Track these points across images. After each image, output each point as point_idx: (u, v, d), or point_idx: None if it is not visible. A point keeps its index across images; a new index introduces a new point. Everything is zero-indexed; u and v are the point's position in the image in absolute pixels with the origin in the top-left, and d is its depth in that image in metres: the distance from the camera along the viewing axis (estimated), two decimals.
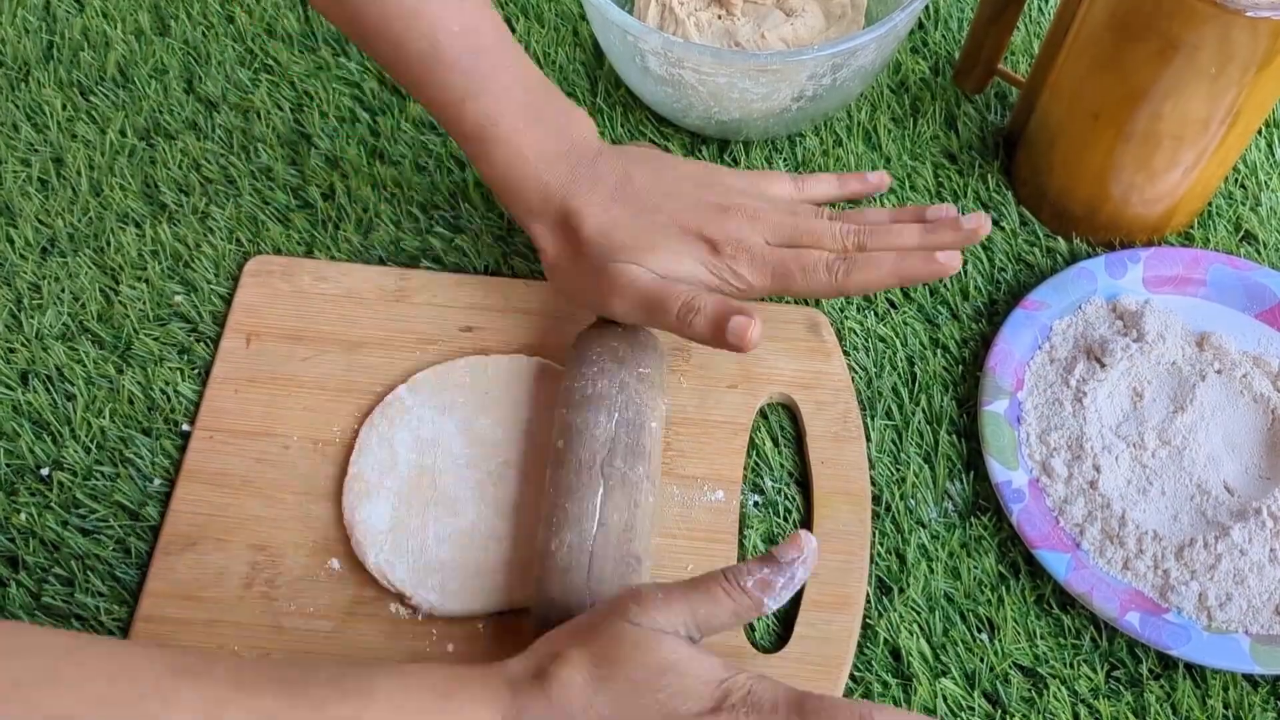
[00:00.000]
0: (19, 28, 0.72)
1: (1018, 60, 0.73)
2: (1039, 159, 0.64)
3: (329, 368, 0.59)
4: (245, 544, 0.54)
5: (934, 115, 0.70)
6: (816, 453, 0.57)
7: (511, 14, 0.73)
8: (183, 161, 0.67)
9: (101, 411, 0.58)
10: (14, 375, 0.60)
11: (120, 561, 0.54)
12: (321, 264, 0.63)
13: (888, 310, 0.63)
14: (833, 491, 0.56)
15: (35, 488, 0.56)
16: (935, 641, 0.53)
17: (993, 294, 0.63)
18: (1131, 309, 0.60)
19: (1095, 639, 0.54)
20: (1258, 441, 0.57)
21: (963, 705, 0.52)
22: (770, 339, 0.60)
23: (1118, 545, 0.54)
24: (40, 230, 0.64)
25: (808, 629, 0.52)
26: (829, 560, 0.54)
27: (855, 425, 0.58)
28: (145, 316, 0.61)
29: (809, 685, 0.50)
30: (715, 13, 0.70)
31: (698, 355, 0.59)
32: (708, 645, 0.50)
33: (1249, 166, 0.68)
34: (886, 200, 0.66)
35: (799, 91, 0.62)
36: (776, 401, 0.59)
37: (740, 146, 0.68)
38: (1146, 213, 0.63)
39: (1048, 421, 0.58)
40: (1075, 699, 0.52)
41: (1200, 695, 0.52)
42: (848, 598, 0.53)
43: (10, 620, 0.52)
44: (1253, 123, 0.58)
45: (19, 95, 0.70)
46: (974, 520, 0.56)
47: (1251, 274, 0.62)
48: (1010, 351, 0.59)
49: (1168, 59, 0.54)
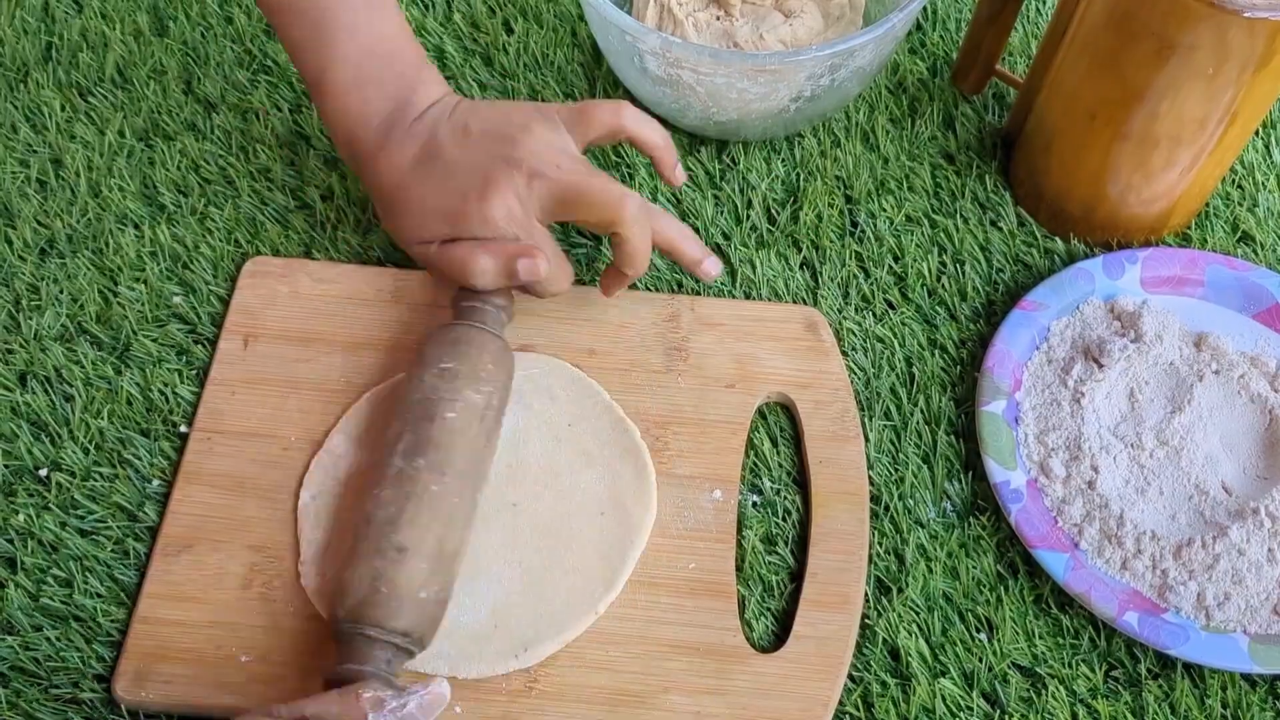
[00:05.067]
0: (17, 29, 0.72)
1: (1015, 61, 0.73)
2: (1036, 159, 0.64)
3: (327, 369, 0.59)
4: (243, 545, 0.54)
5: (932, 116, 0.70)
6: (815, 452, 0.57)
7: (510, 15, 0.73)
8: (181, 162, 0.67)
9: (100, 413, 0.58)
10: (12, 376, 0.59)
11: (119, 562, 0.54)
12: (319, 265, 0.63)
13: (886, 311, 0.63)
14: (831, 491, 0.56)
15: (34, 489, 0.56)
16: (934, 641, 0.53)
17: (990, 295, 0.63)
18: (1129, 309, 0.60)
19: (1094, 639, 0.54)
20: (1255, 442, 0.57)
21: (961, 705, 0.52)
22: (768, 338, 0.60)
23: (1116, 545, 0.54)
24: (39, 231, 0.64)
25: (806, 628, 0.52)
26: (827, 560, 0.54)
27: (853, 425, 0.58)
28: (144, 318, 0.61)
29: (808, 685, 0.51)
30: (714, 13, 0.70)
31: (695, 355, 0.59)
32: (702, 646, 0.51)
33: (1246, 167, 0.68)
34: (886, 200, 0.66)
35: (797, 92, 0.62)
36: (774, 401, 0.59)
37: (739, 147, 0.68)
38: (1144, 213, 0.63)
39: (1046, 422, 0.58)
40: (1074, 699, 0.52)
41: (1198, 695, 0.52)
42: (846, 597, 0.53)
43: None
44: (1250, 123, 0.58)
45: (18, 96, 0.70)
46: (972, 520, 0.56)
47: (1249, 274, 0.62)
48: (1008, 352, 0.60)
49: (1165, 59, 0.54)
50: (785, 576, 0.55)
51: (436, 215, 0.55)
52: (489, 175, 0.54)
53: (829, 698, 0.51)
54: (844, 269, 0.64)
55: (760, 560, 0.55)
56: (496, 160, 0.54)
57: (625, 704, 0.51)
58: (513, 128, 0.55)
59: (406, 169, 0.56)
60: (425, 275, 0.62)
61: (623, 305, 0.61)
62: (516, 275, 0.55)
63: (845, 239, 0.65)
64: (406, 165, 0.56)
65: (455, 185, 0.55)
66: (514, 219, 0.55)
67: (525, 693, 0.51)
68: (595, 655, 0.52)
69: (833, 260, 0.64)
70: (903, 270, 0.64)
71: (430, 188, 0.55)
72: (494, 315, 0.56)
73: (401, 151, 0.56)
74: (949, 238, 0.65)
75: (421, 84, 0.58)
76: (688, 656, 0.52)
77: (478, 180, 0.54)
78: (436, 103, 0.57)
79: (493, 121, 0.56)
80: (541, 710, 0.50)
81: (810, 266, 0.64)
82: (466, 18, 0.73)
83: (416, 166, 0.56)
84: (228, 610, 0.53)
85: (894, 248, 0.65)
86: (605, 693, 0.51)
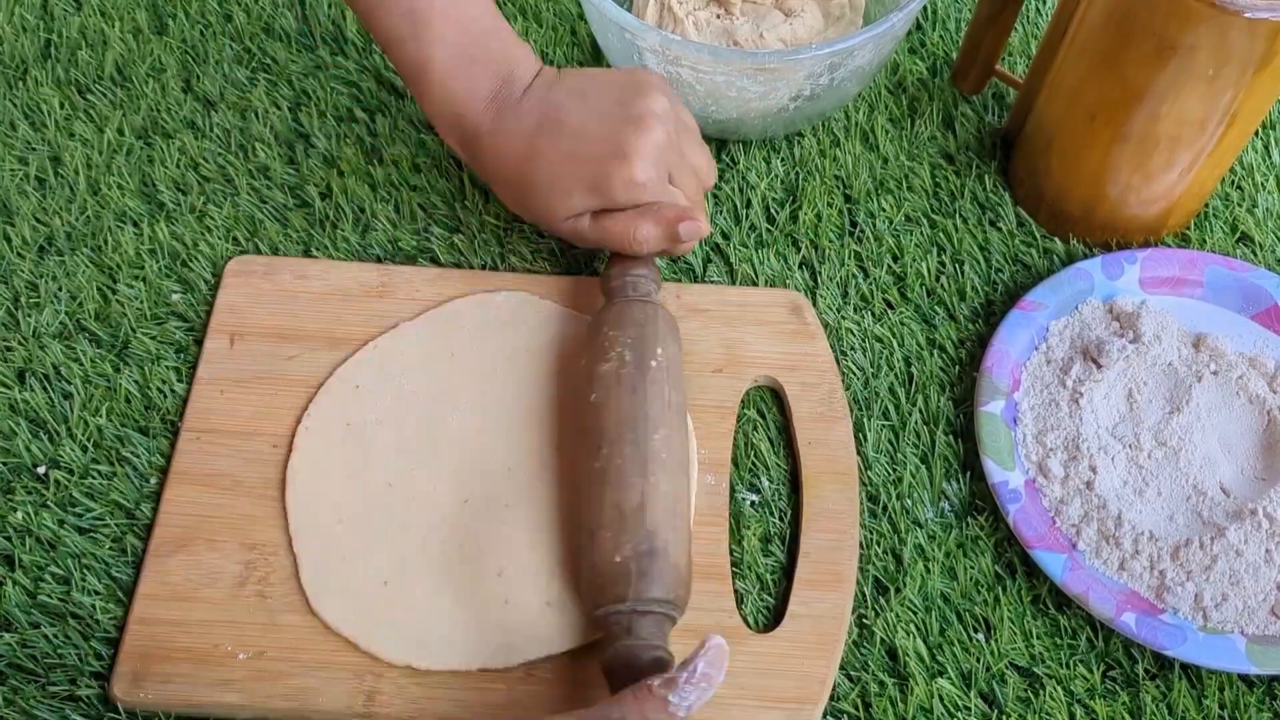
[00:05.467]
0: (16, 26, 0.72)
1: (1015, 61, 0.73)
2: (1036, 160, 0.64)
3: (314, 365, 0.59)
4: (238, 544, 0.54)
5: (931, 116, 0.70)
6: (803, 434, 0.57)
7: (510, 14, 0.73)
8: (180, 160, 0.67)
9: (98, 410, 0.58)
10: (11, 374, 0.59)
11: (117, 560, 0.54)
12: (303, 261, 0.63)
13: (884, 311, 0.63)
14: (821, 471, 0.56)
15: (32, 486, 0.56)
16: (932, 641, 0.53)
17: (989, 294, 0.63)
18: (1128, 310, 0.60)
19: (1091, 639, 0.54)
20: (1253, 443, 0.57)
21: (959, 705, 0.52)
22: (754, 323, 0.60)
23: (1114, 546, 0.54)
24: (37, 229, 0.64)
25: (801, 608, 0.53)
26: (820, 539, 0.54)
27: (840, 405, 0.58)
28: (143, 315, 0.61)
29: (804, 664, 0.51)
30: (714, 12, 0.70)
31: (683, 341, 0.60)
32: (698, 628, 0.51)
33: (1245, 168, 0.68)
34: (885, 200, 0.66)
35: (796, 91, 0.62)
36: (762, 385, 0.59)
37: (738, 146, 0.68)
38: (1143, 214, 0.63)
39: (1044, 422, 0.58)
40: (1071, 699, 0.52)
41: (1196, 695, 0.52)
42: (839, 575, 0.53)
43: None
44: (1250, 124, 0.58)
45: (16, 94, 0.70)
46: (970, 520, 0.56)
47: (1248, 275, 0.62)
48: (1007, 352, 0.59)
49: (1165, 60, 0.54)
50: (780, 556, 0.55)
51: (579, 185, 0.55)
52: (623, 138, 0.54)
53: (826, 675, 0.51)
54: (843, 268, 0.64)
55: (757, 560, 0.55)
56: (625, 122, 0.55)
57: None
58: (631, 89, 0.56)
59: (530, 141, 0.56)
60: (410, 269, 0.62)
61: None
62: (679, 239, 0.56)
63: (844, 238, 0.65)
64: (529, 137, 0.56)
65: (589, 151, 0.55)
66: (656, 180, 0.55)
67: (524, 679, 0.51)
68: (593, 641, 0.52)
69: (832, 260, 0.64)
70: (902, 270, 0.64)
71: (561, 155, 0.55)
72: (657, 289, 0.58)
73: (520, 125, 0.56)
74: (948, 238, 0.65)
75: (521, 59, 0.57)
76: (685, 639, 0.52)
77: (613, 144, 0.55)
78: (539, 74, 0.57)
79: (610, 84, 0.57)
80: (538, 696, 0.51)
81: (809, 266, 0.64)
82: None
83: (540, 137, 0.56)
84: (224, 609, 0.52)
85: (893, 247, 0.65)
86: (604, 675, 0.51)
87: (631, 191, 0.55)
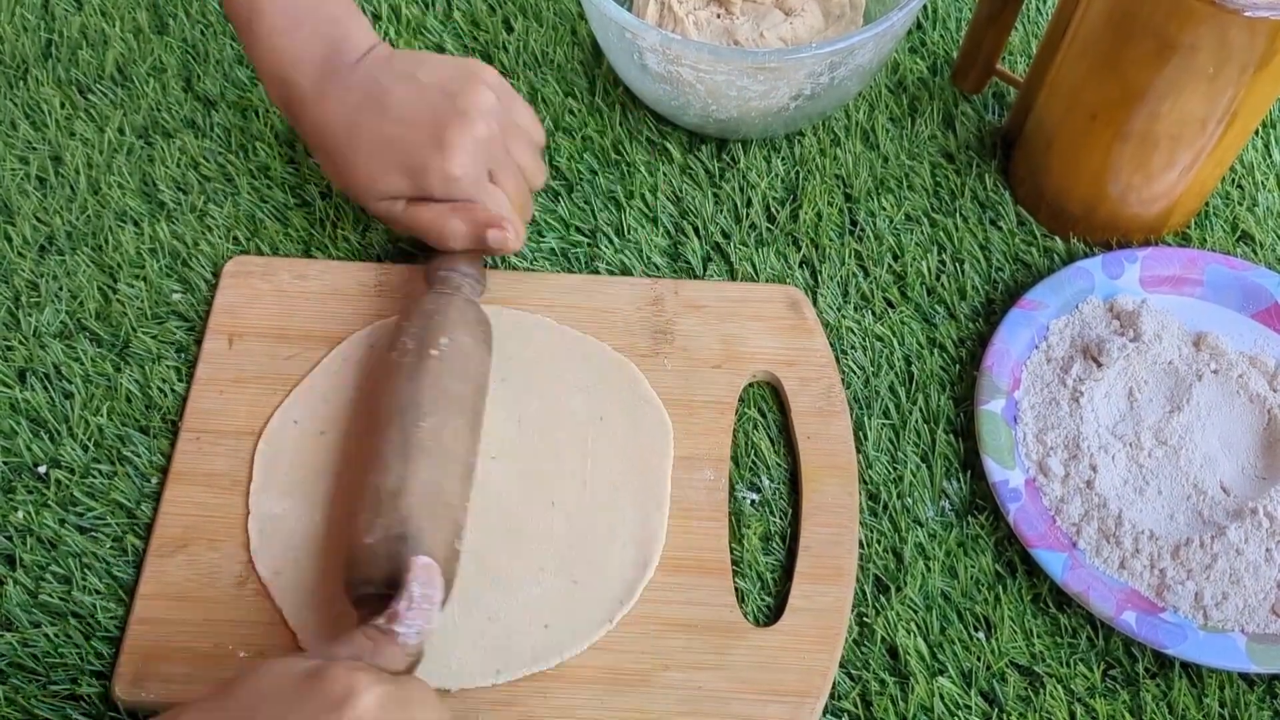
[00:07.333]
0: (17, 25, 0.72)
1: (1015, 60, 0.73)
2: (1037, 159, 0.64)
3: (312, 365, 0.59)
4: (237, 543, 0.54)
5: (932, 115, 0.70)
6: (802, 428, 0.57)
7: (510, 12, 0.73)
8: (181, 160, 0.67)
9: (99, 410, 0.58)
10: (12, 373, 0.60)
11: (118, 559, 0.54)
12: (300, 262, 0.63)
13: (885, 310, 0.63)
14: (820, 466, 0.56)
15: (33, 486, 0.56)
16: (932, 640, 0.53)
17: (990, 293, 0.63)
18: (1128, 309, 0.60)
19: (1091, 638, 0.54)
20: (1254, 441, 0.57)
21: (959, 704, 0.52)
22: (752, 318, 0.60)
23: (1114, 545, 0.54)
24: (38, 228, 0.64)
25: (802, 601, 0.53)
26: (820, 533, 0.55)
27: (839, 400, 0.58)
28: (143, 315, 0.61)
29: (805, 657, 0.52)
30: (714, 11, 0.70)
31: (681, 338, 0.60)
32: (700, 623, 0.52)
33: (1246, 167, 0.68)
34: (886, 199, 0.66)
35: (797, 90, 0.62)
36: (761, 380, 0.59)
37: (738, 145, 0.68)
38: (1143, 213, 0.63)
39: (1044, 421, 0.58)
40: (1071, 698, 0.52)
41: (1196, 694, 0.52)
42: (840, 569, 0.54)
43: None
44: (1250, 123, 0.58)
45: (17, 93, 0.70)
46: (971, 519, 0.56)
47: (1248, 274, 0.62)
48: (1007, 351, 0.60)
49: (1165, 59, 0.54)
50: (780, 554, 0.55)
51: (395, 168, 0.55)
52: (444, 129, 0.54)
53: (827, 668, 0.51)
54: (843, 268, 0.64)
55: (758, 558, 0.55)
56: (450, 114, 0.54)
57: (626, 682, 0.51)
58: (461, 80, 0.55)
59: (353, 115, 0.55)
60: (407, 269, 0.62)
61: (606, 291, 0.61)
62: (485, 244, 0.56)
63: (845, 238, 0.65)
64: (352, 111, 0.55)
65: (410, 137, 0.54)
66: (473, 177, 0.55)
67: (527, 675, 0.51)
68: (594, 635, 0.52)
69: (832, 259, 0.64)
70: (902, 269, 0.64)
71: (381, 136, 0.55)
72: (471, 286, 0.57)
73: (345, 97, 0.56)
74: (948, 237, 0.65)
75: (354, 29, 0.57)
76: (686, 634, 0.52)
77: (433, 134, 0.54)
78: (372, 48, 0.57)
79: (441, 73, 0.56)
80: (544, 691, 0.51)
81: (810, 265, 0.64)
82: (466, 16, 0.73)
83: (362, 113, 0.55)
84: (224, 608, 0.53)
85: (893, 246, 0.65)
86: (606, 672, 0.51)
87: (447, 185, 0.55)
